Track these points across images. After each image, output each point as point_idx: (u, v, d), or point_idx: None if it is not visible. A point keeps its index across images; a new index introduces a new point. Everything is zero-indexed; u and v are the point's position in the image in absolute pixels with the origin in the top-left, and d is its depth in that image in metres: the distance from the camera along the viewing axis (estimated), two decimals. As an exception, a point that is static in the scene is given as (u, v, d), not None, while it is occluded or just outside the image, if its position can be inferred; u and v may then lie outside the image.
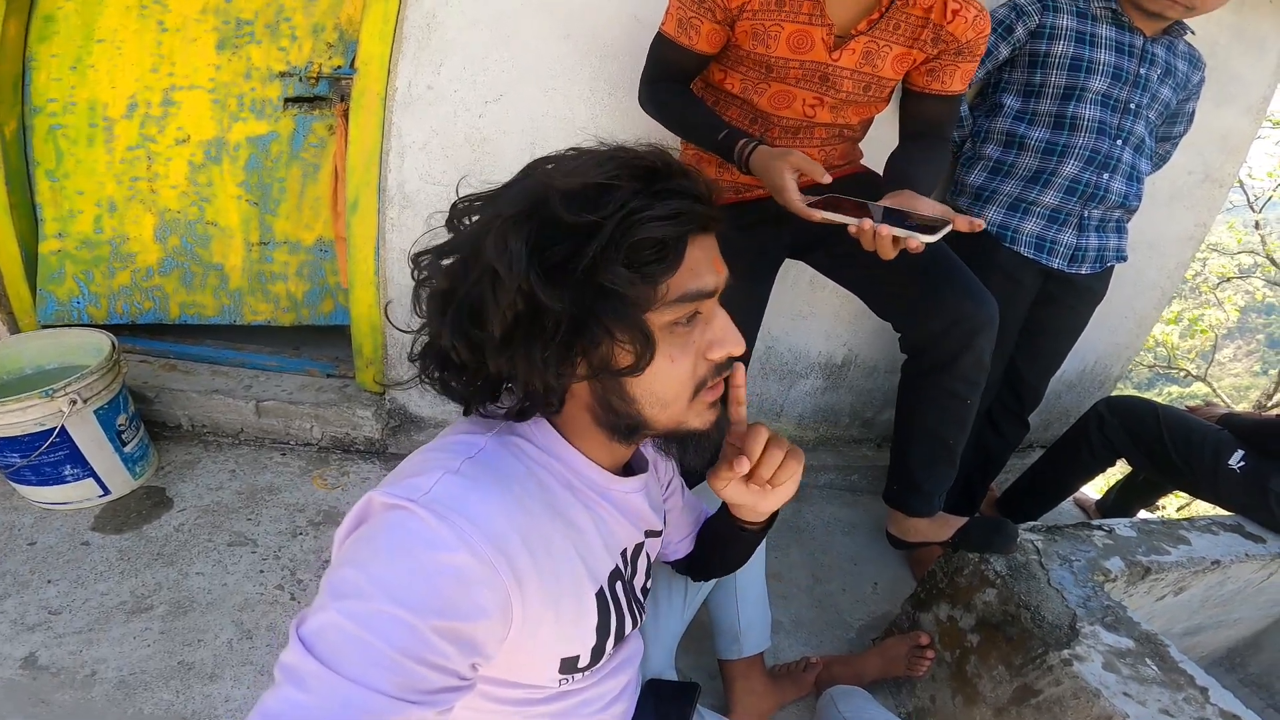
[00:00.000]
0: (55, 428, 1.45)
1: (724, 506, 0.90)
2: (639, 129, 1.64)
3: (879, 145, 1.46)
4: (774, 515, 0.87)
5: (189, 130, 1.80)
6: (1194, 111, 1.74)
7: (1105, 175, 1.59)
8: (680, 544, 1.04)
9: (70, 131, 1.75)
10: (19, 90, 1.70)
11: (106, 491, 1.60)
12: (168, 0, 1.70)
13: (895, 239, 1.01)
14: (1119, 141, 1.59)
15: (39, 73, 1.70)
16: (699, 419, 0.67)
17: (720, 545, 1.00)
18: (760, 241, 1.42)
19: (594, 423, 0.67)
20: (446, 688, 0.52)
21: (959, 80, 1.28)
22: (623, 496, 0.74)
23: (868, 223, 1.02)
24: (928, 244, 1.00)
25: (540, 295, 0.54)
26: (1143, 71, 1.57)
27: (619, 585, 0.75)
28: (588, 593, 0.68)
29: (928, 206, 1.07)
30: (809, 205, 1.07)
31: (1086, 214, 1.64)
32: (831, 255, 1.47)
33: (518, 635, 0.59)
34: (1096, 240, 1.68)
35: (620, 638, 0.76)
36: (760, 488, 0.74)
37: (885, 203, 1.10)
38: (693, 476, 1.02)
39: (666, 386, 0.63)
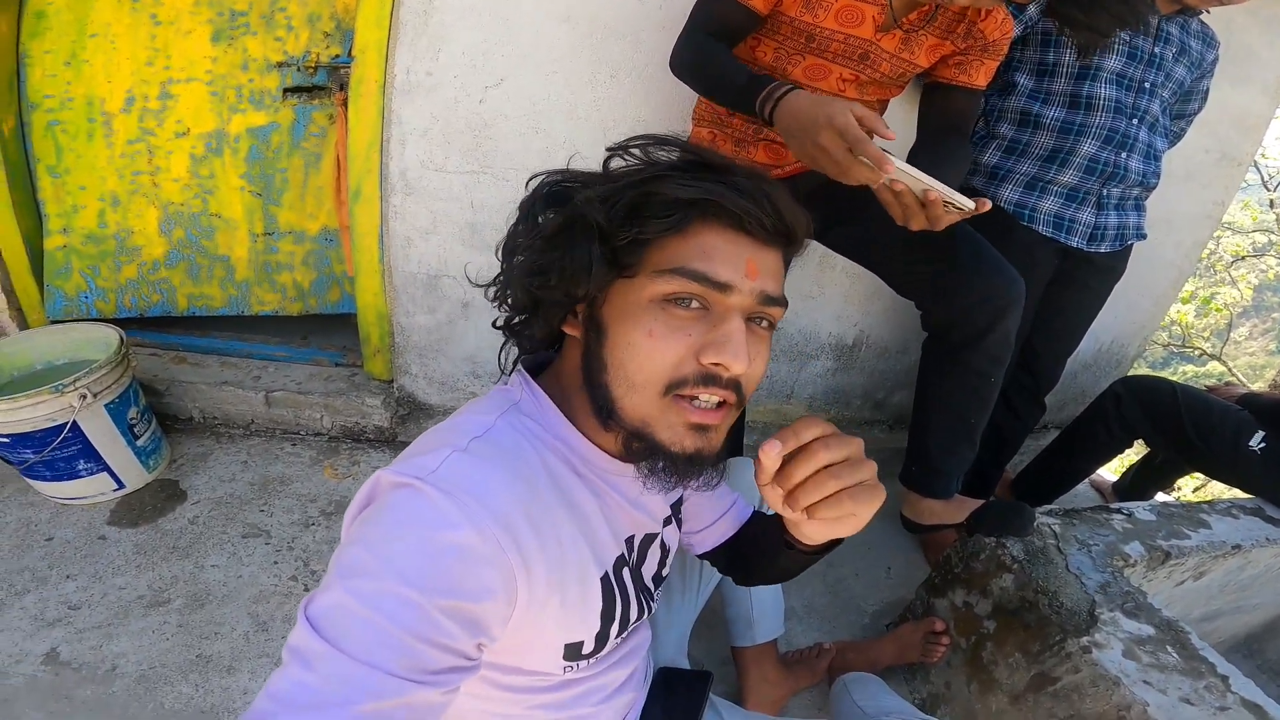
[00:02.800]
0: (67, 423, 1.45)
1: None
2: (641, 113, 1.62)
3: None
4: (831, 543, 0.72)
5: (188, 123, 1.78)
6: (1208, 90, 1.71)
7: (1123, 154, 1.56)
8: (702, 534, 0.96)
9: (69, 127, 1.74)
10: (14, 87, 1.68)
11: (121, 485, 1.60)
12: (159, -6, 1.67)
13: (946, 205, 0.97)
14: (1135, 120, 1.56)
15: (34, 69, 1.68)
16: (669, 430, 0.61)
17: (763, 553, 0.88)
18: None
19: (581, 390, 0.66)
20: (452, 668, 0.52)
21: (983, 76, 1.30)
22: (630, 483, 0.72)
23: (934, 191, 0.95)
24: (967, 213, 0.98)
25: (583, 210, 0.62)
26: (1158, 50, 1.54)
27: (625, 572, 0.74)
28: (593, 577, 0.68)
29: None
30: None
31: (1106, 192, 1.61)
32: (852, 235, 1.45)
33: (522, 616, 0.59)
34: (1116, 218, 1.65)
35: (625, 625, 0.75)
36: (795, 514, 0.57)
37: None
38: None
39: (636, 361, 0.60)
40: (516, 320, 0.73)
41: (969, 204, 0.97)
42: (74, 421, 1.46)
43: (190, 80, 1.74)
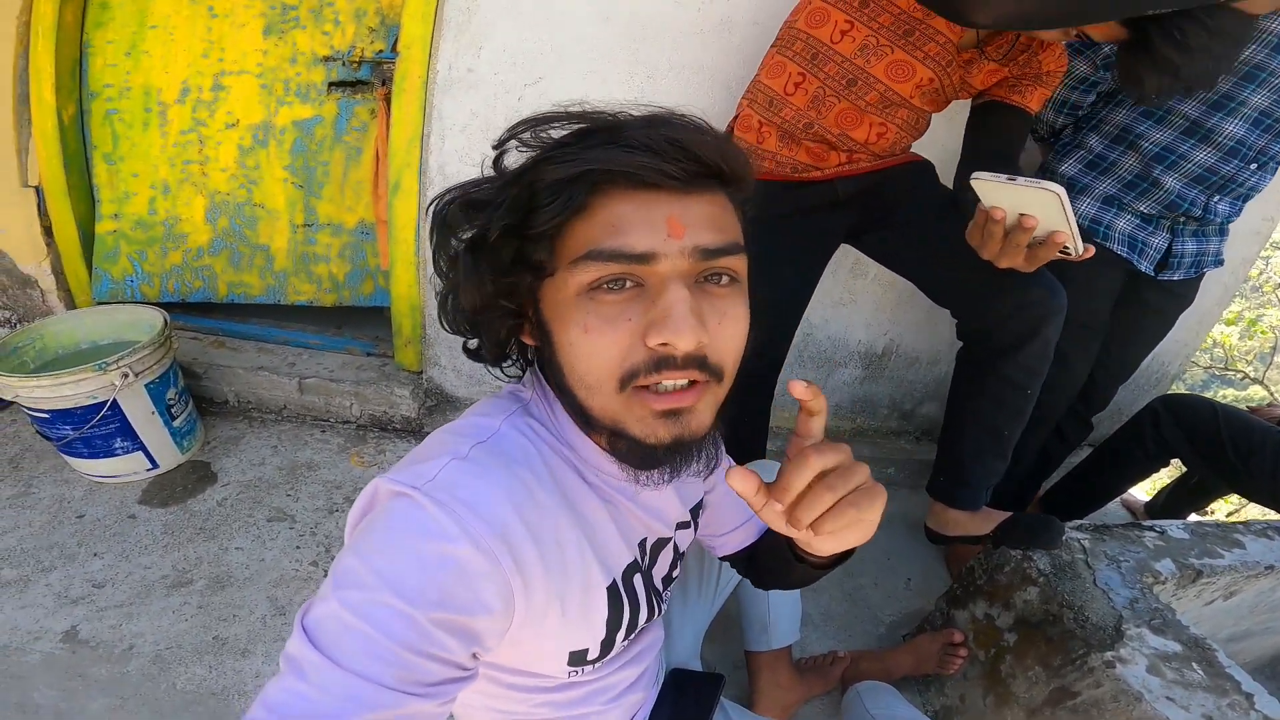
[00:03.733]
0: (107, 400, 1.50)
1: None
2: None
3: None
4: (845, 553, 0.68)
5: (238, 114, 1.84)
6: None
7: (1214, 198, 1.44)
8: (723, 539, 0.93)
9: (126, 116, 1.81)
10: (77, 76, 1.76)
11: (155, 465, 1.65)
12: (216, -14, 1.74)
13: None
14: (1251, 165, 1.39)
15: (95, 58, 1.76)
16: (639, 424, 0.56)
17: (777, 564, 0.82)
18: (818, 225, 1.36)
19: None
20: (448, 679, 0.52)
21: (1036, 100, 1.28)
22: (641, 488, 0.70)
23: (1064, 233, 1.00)
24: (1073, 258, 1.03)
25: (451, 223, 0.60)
26: None
27: (636, 578, 0.72)
28: (598, 586, 0.66)
29: None
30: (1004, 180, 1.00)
31: (1183, 221, 1.51)
32: (887, 240, 1.43)
33: (521, 627, 0.58)
34: (1194, 245, 1.54)
35: (633, 630, 0.74)
36: (800, 532, 0.54)
37: None
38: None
39: (582, 362, 0.56)
40: (469, 342, 0.70)
41: (1081, 248, 1.00)
42: (114, 400, 1.51)
43: (242, 73, 1.81)
